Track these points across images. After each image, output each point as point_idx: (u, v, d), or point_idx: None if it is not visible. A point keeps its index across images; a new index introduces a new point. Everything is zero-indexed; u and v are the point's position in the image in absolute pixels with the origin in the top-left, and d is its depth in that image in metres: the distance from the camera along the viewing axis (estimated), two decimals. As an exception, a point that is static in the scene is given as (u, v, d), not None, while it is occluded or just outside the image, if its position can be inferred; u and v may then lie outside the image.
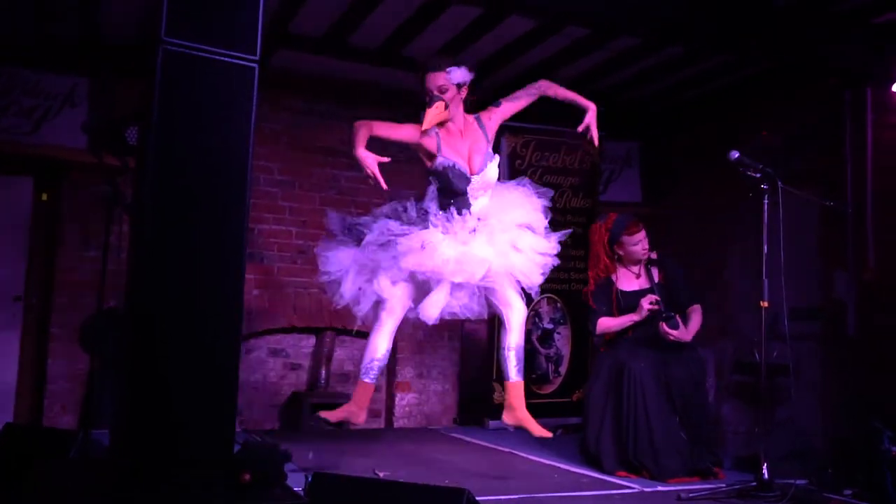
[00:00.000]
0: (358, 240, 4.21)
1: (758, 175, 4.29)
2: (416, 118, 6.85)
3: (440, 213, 4.12)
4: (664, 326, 4.69)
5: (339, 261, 4.24)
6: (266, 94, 6.00)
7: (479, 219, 4.16)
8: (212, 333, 3.01)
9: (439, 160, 4.12)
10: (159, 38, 2.95)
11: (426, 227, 4.08)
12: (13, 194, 5.83)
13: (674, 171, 7.21)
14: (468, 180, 4.14)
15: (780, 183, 4.26)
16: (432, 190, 4.23)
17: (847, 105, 5.46)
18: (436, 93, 4.03)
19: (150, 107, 2.96)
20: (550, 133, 6.65)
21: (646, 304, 4.73)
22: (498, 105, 4.35)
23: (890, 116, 5.24)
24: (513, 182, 4.46)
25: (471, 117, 4.28)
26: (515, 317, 4.22)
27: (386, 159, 3.95)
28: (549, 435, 4.19)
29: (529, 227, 4.27)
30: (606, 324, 4.89)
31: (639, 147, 7.44)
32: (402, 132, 4.15)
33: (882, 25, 5.18)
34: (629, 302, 4.84)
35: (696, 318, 4.84)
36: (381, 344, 4.20)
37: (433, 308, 4.07)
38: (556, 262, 4.35)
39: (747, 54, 5.52)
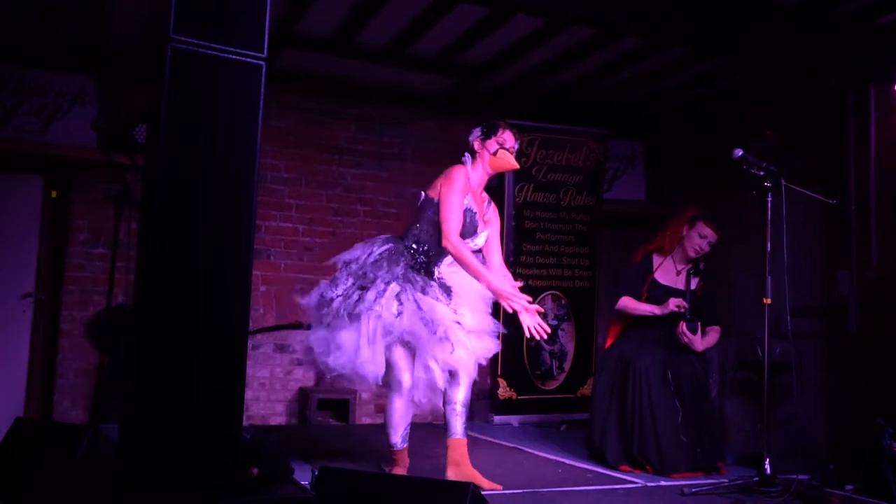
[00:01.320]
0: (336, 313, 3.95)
1: (761, 173, 4.31)
2: (420, 116, 6.91)
3: (417, 277, 4.00)
4: (683, 326, 4.73)
5: (344, 349, 3.93)
6: (273, 92, 6.02)
7: (442, 286, 4.04)
8: (219, 329, 3.02)
9: (465, 201, 4.07)
10: (167, 36, 2.95)
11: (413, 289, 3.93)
12: (23, 192, 5.88)
13: (678, 170, 7.22)
14: (475, 234, 4.12)
15: (783, 181, 4.28)
16: (398, 247, 4.09)
17: (850, 104, 5.46)
18: (507, 146, 4.17)
19: (159, 105, 2.97)
20: (555, 131, 6.68)
21: (673, 304, 4.76)
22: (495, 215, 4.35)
23: (893, 115, 5.25)
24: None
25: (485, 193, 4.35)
26: (466, 377, 4.07)
27: (519, 283, 3.99)
28: (500, 488, 3.95)
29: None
30: (628, 303, 4.94)
31: (643, 146, 7.45)
32: (459, 194, 4.02)
33: (885, 25, 5.19)
34: (658, 294, 4.88)
35: (713, 335, 4.86)
36: (410, 410, 4.07)
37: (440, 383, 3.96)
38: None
39: (750, 56, 5.53)
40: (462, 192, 4.01)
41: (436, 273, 4.09)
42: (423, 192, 4.15)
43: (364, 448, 4.82)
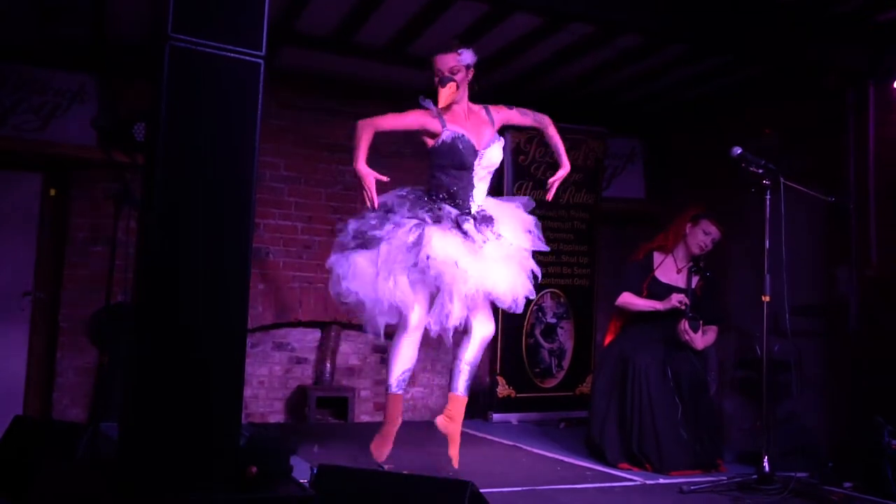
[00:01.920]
0: (365, 242, 4.08)
1: (760, 171, 4.33)
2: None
3: (447, 209, 4.05)
4: (685, 324, 4.76)
5: (360, 274, 4.00)
6: (273, 91, 6.01)
7: (484, 218, 4.09)
8: (218, 328, 3.03)
9: (447, 132, 4.11)
10: (166, 35, 2.97)
11: (438, 222, 4.01)
12: (22, 190, 5.89)
13: (677, 168, 7.24)
14: (476, 153, 4.13)
15: (782, 179, 4.30)
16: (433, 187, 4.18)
17: (850, 102, 5.48)
18: (447, 74, 4.12)
19: (158, 103, 2.98)
20: (554, 129, 6.69)
21: (675, 300, 4.79)
22: (510, 108, 4.40)
23: (892, 113, 5.26)
24: (506, 199, 4.41)
25: (478, 106, 4.32)
26: (482, 334, 4.19)
27: (385, 178, 3.98)
28: (455, 466, 4.15)
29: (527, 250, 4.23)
30: (629, 299, 4.97)
31: (642, 144, 7.47)
32: (408, 120, 4.17)
33: (884, 24, 5.20)
34: (659, 291, 4.91)
35: (711, 335, 4.90)
36: (412, 354, 4.12)
37: (452, 318, 4.00)
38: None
39: (749, 55, 5.55)
40: (408, 120, 4.17)
41: (474, 207, 4.12)
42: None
43: (363, 446, 4.81)
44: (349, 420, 6.33)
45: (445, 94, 4.12)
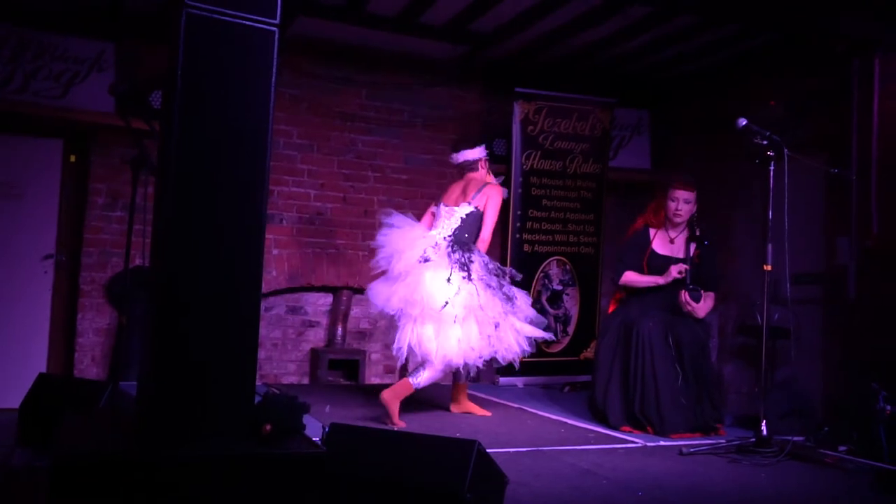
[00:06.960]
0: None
1: (764, 142, 4.36)
2: (431, 83, 6.92)
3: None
4: (685, 295, 4.81)
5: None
6: (287, 59, 6.08)
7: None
8: (233, 291, 3.07)
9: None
10: (183, 2, 2.97)
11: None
12: (44, 156, 5.95)
13: (683, 138, 7.24)
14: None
15: (786, 150, 4.32)
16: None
17: (854, 73, 5.44)
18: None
19: (174, 71, 2.99)
20: (562, 100, 6.73)
21: (675, 271, 4.85)
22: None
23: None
24: None
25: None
26: None
27: None
28: (489, 414, 5.09)
29: None
30: (631, 278, 5.03)
31: (649, 115, 7.48)
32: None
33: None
34: (658, 264, 4.97)
35: (709, 302, 4.95)
36: None
37: None
38: None
39: (758, 23, 5.52)
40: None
41: None
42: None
43: (373, 406, 4.94)
44: (360, 381, 6.45)
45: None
